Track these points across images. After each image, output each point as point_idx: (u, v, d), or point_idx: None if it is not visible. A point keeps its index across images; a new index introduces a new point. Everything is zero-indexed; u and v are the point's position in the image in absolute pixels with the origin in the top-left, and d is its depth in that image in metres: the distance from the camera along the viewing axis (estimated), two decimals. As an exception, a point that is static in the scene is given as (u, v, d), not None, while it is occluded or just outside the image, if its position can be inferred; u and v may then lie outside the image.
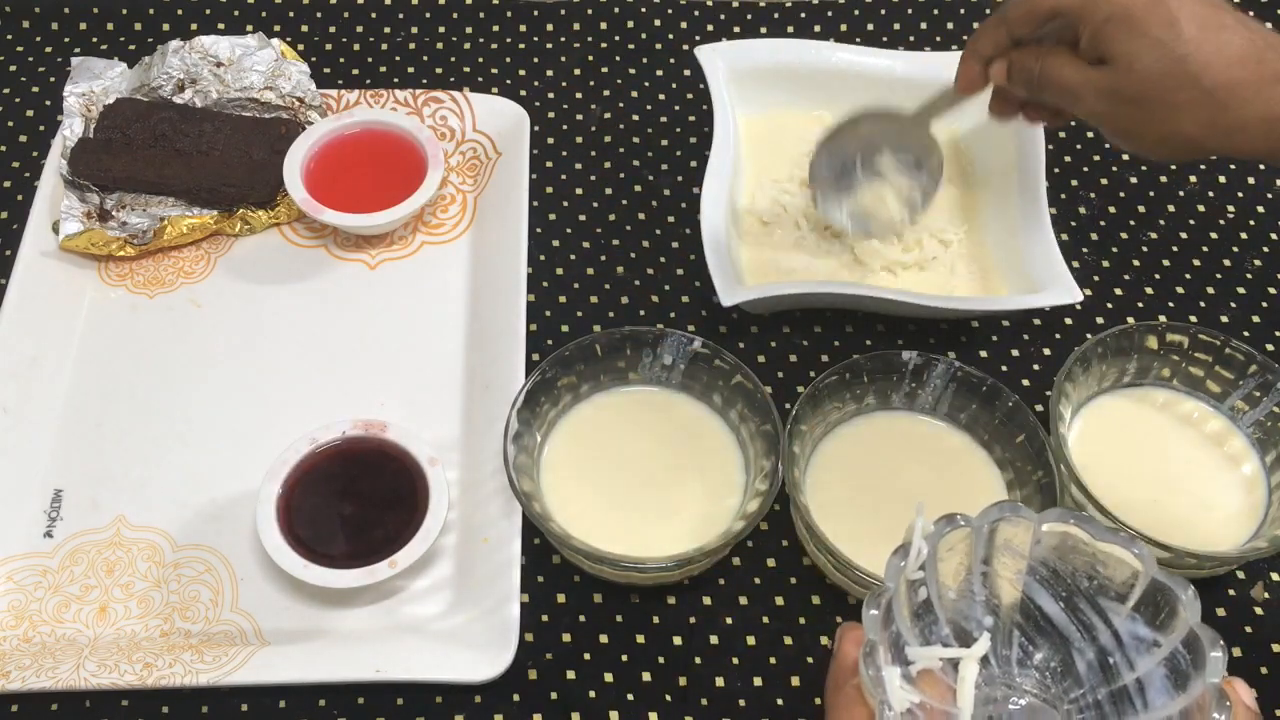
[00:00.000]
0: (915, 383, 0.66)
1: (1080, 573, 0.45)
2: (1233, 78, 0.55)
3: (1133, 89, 0.57)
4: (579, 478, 0.64)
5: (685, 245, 0.77)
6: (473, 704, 0.60)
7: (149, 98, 0.79)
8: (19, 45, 0.87)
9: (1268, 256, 0.79)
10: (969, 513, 0.45)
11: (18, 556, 0.64)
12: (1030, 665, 0.46)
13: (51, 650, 0.60)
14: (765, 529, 0.66)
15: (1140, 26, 0.56)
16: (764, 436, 0.63)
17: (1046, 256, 0.71)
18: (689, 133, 0.84)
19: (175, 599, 0.63)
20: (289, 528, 0.62)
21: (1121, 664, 0.44)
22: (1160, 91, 0.57)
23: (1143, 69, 0.57)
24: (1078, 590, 0.45)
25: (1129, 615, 0.44)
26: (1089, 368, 0.66)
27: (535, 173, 0.80)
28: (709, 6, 0.90)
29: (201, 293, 0.74)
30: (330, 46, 0.87)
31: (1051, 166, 0.76)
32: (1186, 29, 0.55)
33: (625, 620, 0.63)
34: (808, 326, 0.74)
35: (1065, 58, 0.60)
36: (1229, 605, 0.65)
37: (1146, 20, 0.56)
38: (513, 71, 0.87)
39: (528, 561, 0.63)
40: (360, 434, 0.64)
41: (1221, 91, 0.56)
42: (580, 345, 0.65)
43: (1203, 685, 0.41)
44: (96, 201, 0.75)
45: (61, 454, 0.68)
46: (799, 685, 0.61)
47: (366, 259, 0.76)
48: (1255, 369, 0.66)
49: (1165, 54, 0.56)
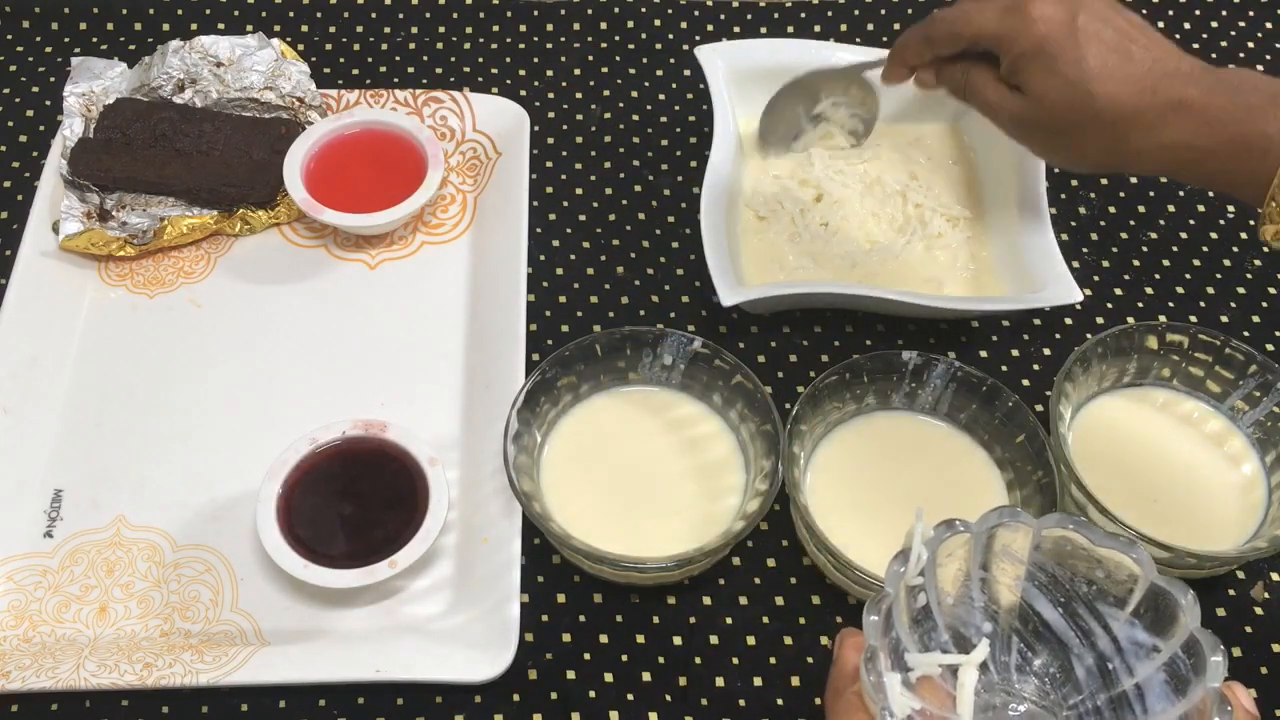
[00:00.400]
0: (915, 383, 0.66)
1: (1079, 578, 0.45)
2: (1132, 108, 0.58)
3: (1043, 120, 0.61)
4: (579, 478, 0.64)
5: (685, 245, 0.77)
6: (473, 704, 0.60)
7: (149, 98, 0.79)
8: (19, 45, 0.87)
9: (1268, 256, 0.79)
10: (970, 513, 0.45)
11: (18, 556, 0.64)
12: (1029, 671, 0.46)
13: (51, 650, 0.60)
14: (765, 529, 0.66)
15: (1051, 64, 0.59)
16: (764, 436, 0.63)
17: (1046, 256, 0.71)
18: (689, 133, 0.84)
19: (175, 599, 0.63)
20: (289, 528, 0.62)
21: (1121, 670, 0.44)
22: (1066, 124, 0.61)
23: (1051, 103, 0.60)
24: (1077, 596, 0.45)
25: (1128, 620, 0.44)
26: (1089, 368, 0.66)
27: (535, 173, 0.80)
28: (709, 6, 0.90)
29: (201, 293, 0.74)
30: (330, 46, 0.87)
31: (1051, 167, 0.76)
32: (1092, 64, 0.58)
33: (625, 620, 0.63)
34: (808, 326, 0.74)
35: (988, 76, 0.63)
36: (1229, 605, 0.65)
37: (1057, 58, 0.59)
38: (513, 71, 0.87)
39: (528, 561, 0.63)
40: (360, 434, 0.64)
41: (1122, 124, 0.59)
42: (580, 345, 0.65)
43: (1203, 690, 0.41)
44: (96, 201, 0.75)
45: (61, 454, 0.68)
46: (799, 685, 0.61)
47: (366, 259, 0.76)
48: (1255, 369, 0.66)
49: (1072, 91, 0.59)
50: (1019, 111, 0.62)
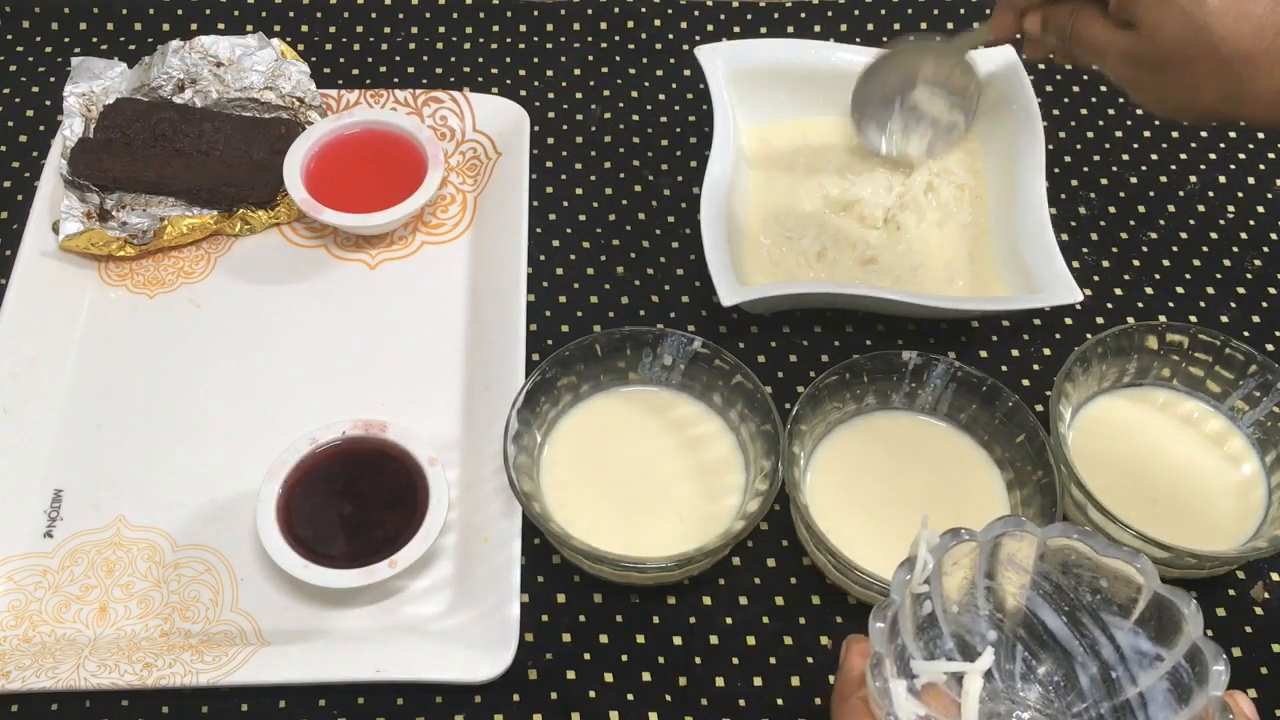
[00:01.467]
0: (915, 383, 0.66)
1: (1084, 587, 0.45)
2: (1250, 49, 0.56)
3: (1156, 55, 0.59)
4: (579, 478, 0.64)
5: (685, 245, 0.77)
6: (473, 704, 0.60)
7: (149, 98, 0.79)
8: (19, 45, 0.87)
9: (1268, 256, 0.79)
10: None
11: (18, 556, 0.64)
12: (1033, 679, 0.46)
13: (51, 650, 0.60)
14: (765, 529, 0.66)
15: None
16: (764, 436, 0.63)
17: (1046, 256, 0.71)
18: (689, 133, 0.84)
19: (175, 599, 0.63)
20: (289, 528, 0.62)
21: (1124, 678, 0.44)
22: (1181, 60, 0.58)
23: (1165, 37, 0.58)
24: (1081, 605, 0.45)
25: (1132, 630, 0.44)
26: (1089, 368, 0.66)
27: (535, 173, 0.80)
28: (709, 6, 0.90)
29: (201, 293, 0.74)
30: (330, 46, 0.87)
31: (1051, 166, 0.76)
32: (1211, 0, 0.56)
33: (625, 620, 0.63)
34: (808, 326, 0.74)
35: (1095, 17, 0.61)
36: (1229, 605, 0.65)
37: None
38: (513, 71, 0.87)
39: (528, 561, 0.63)
40: (360, 434, 0.64)
41: (1238, 62, 0.57)
42: (580, 345, 0.65)
43: (1205, 698, 0.41)
44: (96, 201, 0.75)
45: (61, 454, 0.68)
46: (799, 685, 0.61)
47: (366, 259, 0.76)
48: (1255, 369, 0.66)
49: (1188, 23, 0.57)
50: (1130, 48, 0.60)
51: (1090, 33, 0.62)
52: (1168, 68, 0.59)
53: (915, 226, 0.75)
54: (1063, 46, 0.64)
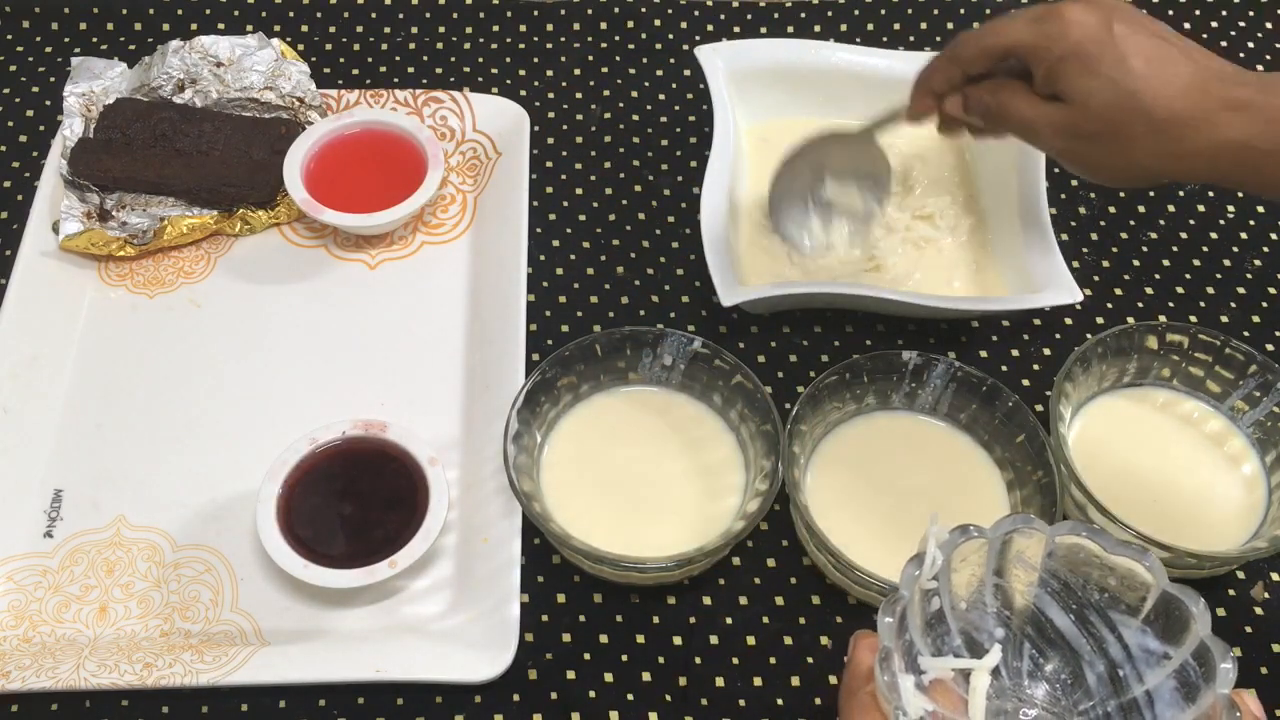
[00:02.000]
0: (915, 383, 0.66)
1: (1092, 585, 0.45)
2: (1180, 110, 0.56)
3: (1089, 125, 0.59)
4: (579, 478, 0.64)
5: (685, 245, 0.77)
6: (473, 704, 0.60)
7: (149, 98, 0.79)
8: (19, 45, 0.87)
9: (1268, 256, 0.79)
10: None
11: (18, 556, 0.64)
12: (1041, 677, 0.46)
13: (51, 650, 0.60)
14: (765, 529, 0.66)
15: (1093, 65, 0.57)
16: (764, 436, 0.63)
17: (1046, 256, 0.71)
18: (689, 133, 0.84)
19: (175, 599, 0.63)
20: (289, 528, 0.62)
21: (1131, 676, 0.44)
22: (1115, 126, 0.58)
23: (1097, 106, 0.58)
24: (1089, 603, 0.45)
25: (1139, 628, 0.44)
26: (1089, 368, 0.66)
27: (535, 173, 0.80)
28: (709, 6, 0.90)
29: (201, 293, 0.74)
30: (330, 46, 0.87)
31: (1051, 167, 0.76)
32: (1135, 64, 0.57)
33: (625, 620, 0.63)
34: (808, 326, 0.74)
35: (1020, 93, 0.61)
36: (1229, 605, 0.65)
37: (1099, 59, 0.57)
38: (513, 71, 0.87)
39: (528, 561, 0.63)
40: (360, 434, 0.64)
41: (1172, 124, 0.57)
42: (580, 345, 0.65)
43: (1213, 696, 0.41)
44: (96, 201, 0.75)
45: (61, 454, 0.68)
46: (799, 685, 0.61)
47: (366, 259, 0.76)
48: (1255, 369, 0.66)
49: (1117, 90, 0.57)
50: (1061, 121, 0.59)
51: (1017, 109, 0.60)
52: (1102, 137, 0.58)
53: (904, 251, 0.75)
54: (988, 125, 0.63)
